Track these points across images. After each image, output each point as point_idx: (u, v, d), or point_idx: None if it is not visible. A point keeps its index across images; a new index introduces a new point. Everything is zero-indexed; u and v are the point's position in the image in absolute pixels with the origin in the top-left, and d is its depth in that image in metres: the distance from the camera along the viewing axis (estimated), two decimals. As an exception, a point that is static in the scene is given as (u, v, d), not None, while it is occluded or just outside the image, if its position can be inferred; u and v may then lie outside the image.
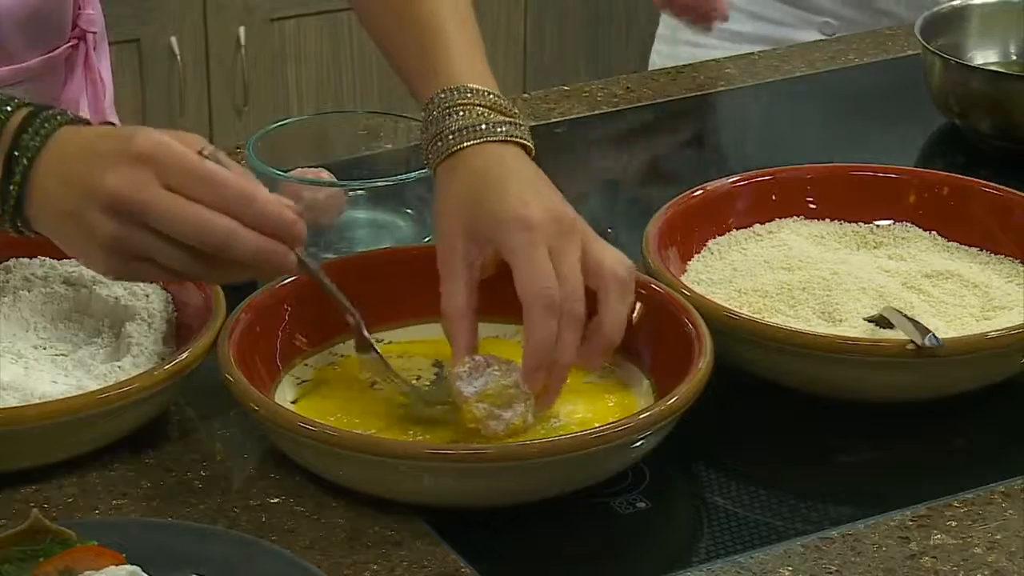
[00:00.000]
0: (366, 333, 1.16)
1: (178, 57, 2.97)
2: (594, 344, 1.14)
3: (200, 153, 1.06)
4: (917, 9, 1.68)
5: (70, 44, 1.50)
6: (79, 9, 1.50)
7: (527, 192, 1.17)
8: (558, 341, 1.12)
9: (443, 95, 1.22)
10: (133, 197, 1.04)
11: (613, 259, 1.16)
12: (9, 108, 1.10)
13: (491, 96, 1.23)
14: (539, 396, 1.13)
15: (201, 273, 1.09)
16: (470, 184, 1.19)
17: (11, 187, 1.09)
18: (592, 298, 1.14)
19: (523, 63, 3.26)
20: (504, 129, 1.21)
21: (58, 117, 1.10)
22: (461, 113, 1.21)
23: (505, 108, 1.23)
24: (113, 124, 1.12)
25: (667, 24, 2.01)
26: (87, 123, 1.12)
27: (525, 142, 1.22)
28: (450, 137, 1.20)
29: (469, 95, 1.22)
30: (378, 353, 1.17)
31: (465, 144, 1.20)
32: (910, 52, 1.63)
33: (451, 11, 1.28)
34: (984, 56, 1.64)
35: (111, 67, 1.58)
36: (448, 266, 1.17)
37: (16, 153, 1.09)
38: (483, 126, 1.20)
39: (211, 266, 1.07)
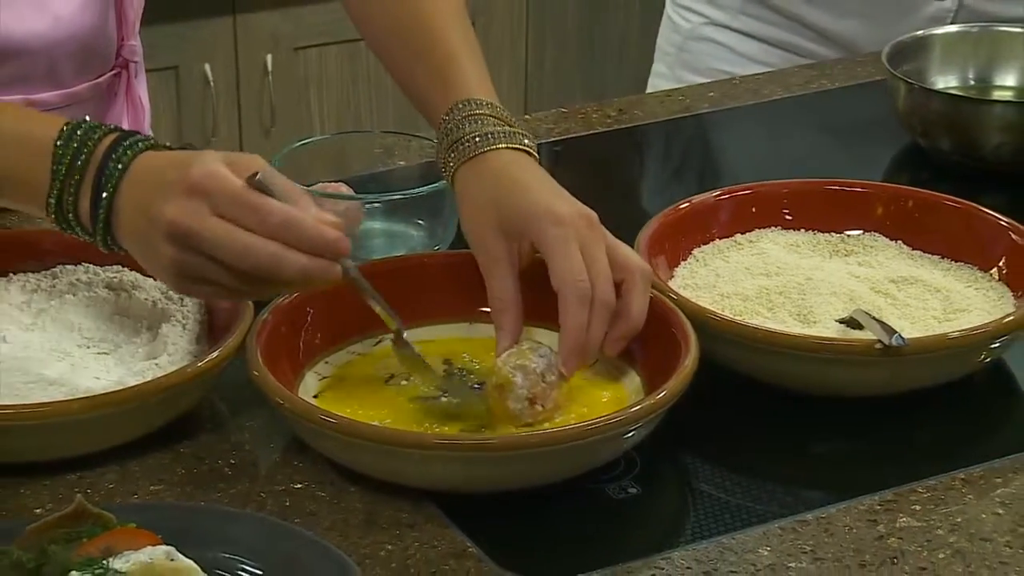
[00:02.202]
0: (404, 334, 1.16)
1: (211, 83, 2.97)
2: (619, 330, 1.16)
3: (251, 179, 1.05)
4: None
5: (114, 72, 1.50)
6: (122, 40, 1.50)
7: (551, 191, 1.19)
8: (589, 327, 1.13)
9: (461, 106, 1.23)
10: (188, 227, 1.05)
11: (634, 256, 1.18)
12: (97, 135, 1.10)
13: (500, 109, 1.24)
14: (571, 363, 1.14)
15: (255, 292, 1.11)
16: (494, 184, 1.19)
17: (100, 211, 1.09)
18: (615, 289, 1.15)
19: (524, 87, 3.26)
20: (518, 138, 1.22)
21: (139, 143, 1.10)
22: (479, 122, 1.22)
23: (512, 121, 1.23)
24: (192, 147, 1.12)
25: (663, 55, 2.00)
26: (166, 147, 1.12)
27: (533, 152, 1.23)
28: (472, 142, 1.21)
29: (484, 107, 1.23)
30: (413, 349, 1.17)
31: (486, 149, 1.21)
32: (878, 77, 1.63)
33: (459, 33, 1.29)
34: (945, 81, 1.64)
35: (149, 92, 1.58)
36: (490, 260, 1.18)
37: (103, 180, 1.09)
38: (501, 133, 1.21)
39: (264, 285, 1.08)
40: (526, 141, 1.23)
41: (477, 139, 1.21)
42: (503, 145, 1.21)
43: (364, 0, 1.36)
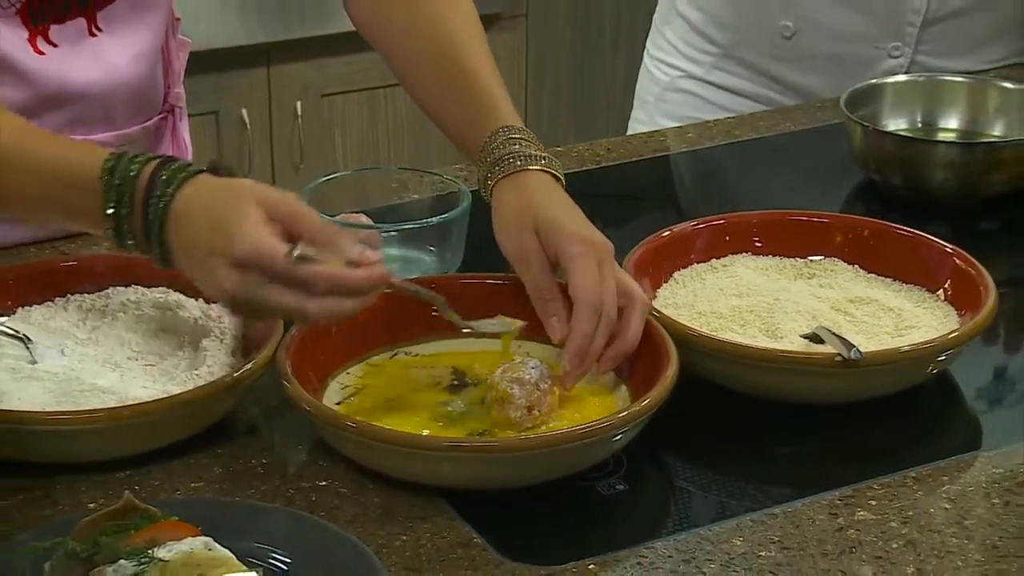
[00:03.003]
0: (456, 315, 1.17)
1: (248, 126, 2.97)
2: (615, 348, 1.15)
3: (290, 255, 1.04)
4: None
5: (161, 116, 1.50)
6: (168, 88, 1.51)
7: (580, 218, 1.19)
8: (594, 337, 1.14)
9: (502, 131, 1.24)
10: (247, 295, 1.05)
11: (637, 286, 1.17)
12: (136, 167, 1.09)
13: (534, 137, 1.24)
14: (563, 379, 1.14)
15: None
16: (532, 196, 1.20)
17: (154, 243, 1.09)
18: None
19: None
20: (551, 163, 1.23)
21: (179, 175, 1.08)
22: (518, 144, 1.23)
23: (547, 154, 1.24)
24: (227, 170, 1.11)
25: (642, 103, 1.99)
26: (200, 173, 1.09)
27: (561, 179, 1.24)
28: (512, 161, 1.21)
29: (521, 132, 1.24)
30: (454, 314, 1.17)
31: (529, 167, 1.21)
32: (836, 121, 1.62)
33: (488, 66, 1.29)
34: (895, 124, 1.63)
35: (191, 134, 1.57)
36: (527, 256, 1.18)
37: (150, 217, 1.08)
38: (538, 156, 1.22)
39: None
40: (557, 168, 1.23)
41: (517, 159, 1.22)
42: (538, 167, 1.22)
43: (405, 54, 1.35)
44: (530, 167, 1.22)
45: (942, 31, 1.79)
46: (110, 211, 1.09)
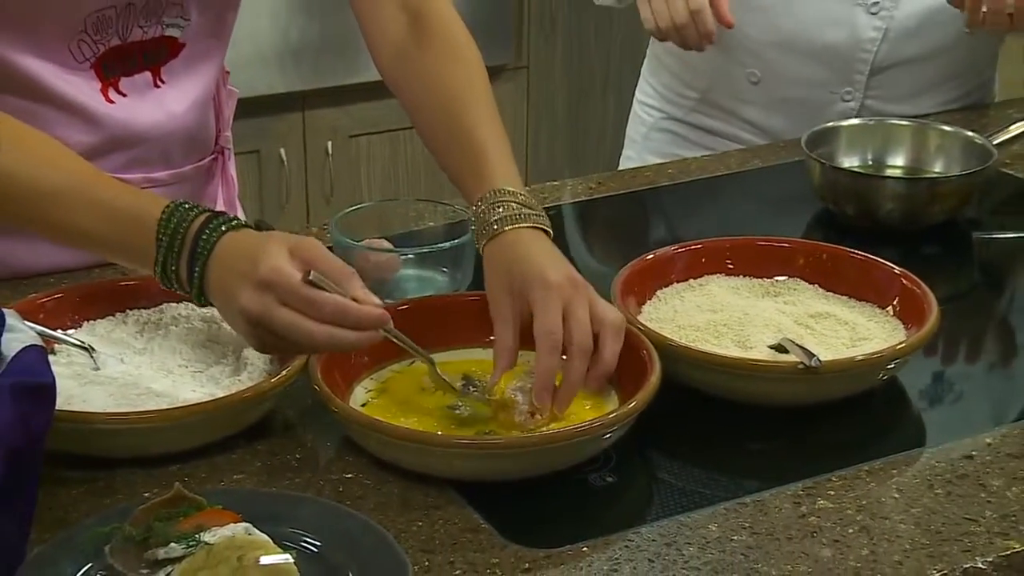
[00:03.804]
0: (438, 371, 1.15)
1: (285, 163, 2.98)
2: (596, 371, 1.13)
3: (306, 277, 1.04)
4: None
5: (212, 156, 1.50)
6: (219, 132, 1.51)
7: (548, 262, 1.16)
8: (570, 367, 1.11)
9: (489, 195, 1.21)
10: (259, 315, 1.05)
11: (611, 311, 1.15)
12: (192, 216, 1.09)
13: (521, 195, 1.22)
14: (556, 405, 1.12)
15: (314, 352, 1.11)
16: (509, 257, 1.17)
17: (194, 279, 1.09)
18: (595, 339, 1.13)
19: (525, 165, 3.28)
20: (532, 218, 1.20)
21: (222, 226, 1.09)
22: (501, 208, 1.20)
23: (531, 203, 1.22)
24: (267, 226, 1.12)
25: (631, 141, 1.99)
26: (245, 226, 1.10)
27: (546, 228, 1.21)
28: (494, 224, 1.19)
29: (507, 195, 1.21)
30: (441, 375, 1.15)
31: (506, 228, 1.19)
32: (798, 158, 1.61)
33: (488, 129, 1.27)
34: (850, 161, 1.62)
35: (237, 171, 1.57)
36: (500, 315, 1.16)
37: (195, 255, 1.08)
38: (518, 216, 1.19)
39: (321, 351, 1.10)
40: (540, 220, 1.21)
41: (499, 222, 1.20)
42: (520, 225, 1.19)
43: (416, 104, 1.34)
44: (509, 227, 1.19)
45: (887, 79, 1.79)
46: (161, 254, 1.09)
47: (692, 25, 1.62)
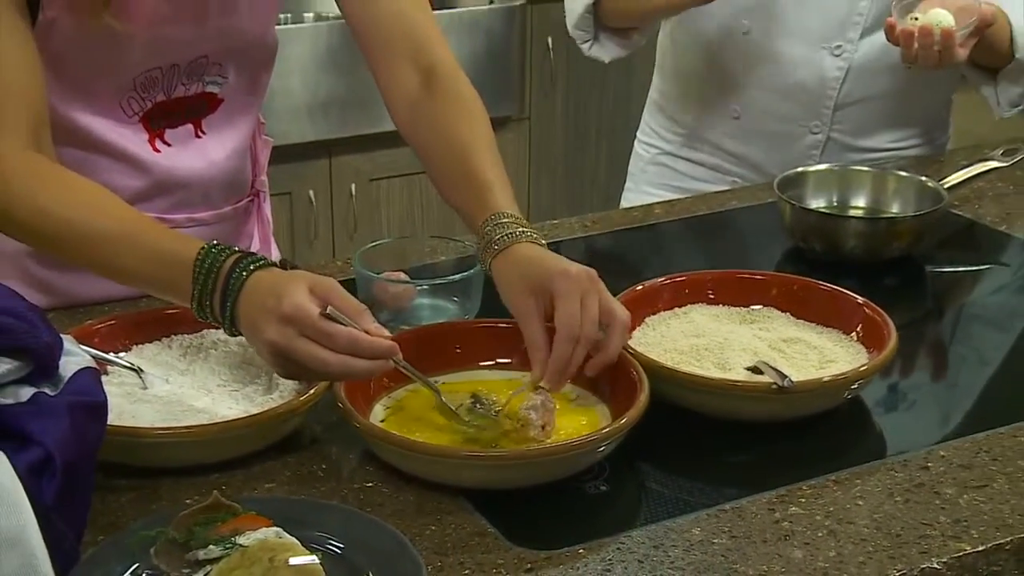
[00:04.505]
0: (442, 398, 1.15)
1: (314, 203, 2.98)
2: (599, 358, 1.13)
3: (324, 312, 1.04)
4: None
5: (249, 198, 1.50)
6: (255, 176, 1.51)
7: (561, 259, 1.17)
8: (573, 354, 1.12)
9: (491, 218, 1.21)
10: (282, 347, 1.05)
11: (620, 308, 1.15)
12: (224, 256, 1.09)
13: (519, 218, 1.22)
14: (553, 382, 1.12)
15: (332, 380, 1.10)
16: (520, 264, 1.17)
17: (227, 313, 1.09)
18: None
19: (527, 204, 3.28)
20: (532, 236, 1.20)
21: (251, 266, 1.09)
22: (504, 228, 1.20)
23: (528, 225, 1.22)
24: (292, 265, 1.14)
25: (632, 175, 1.99)
26: (272, 264, 1.10)
27: (543, 244, 1.21)
28: (501, 241, 1.19)
29: (507, 217, 1.21)
30: (445, 402, 1.15)
31: (511, 243, 1.19)
32: (771, 200, 1.61)
33: (492, 170, 1.27)
34: (817, 202, 1.62)
35: (271, 210, 1.57)
36: (524, 316, 1.15)
37: (228, 290, 1.08)
38: (521, 233, 1.20)
39: (337, 379, 1.09)
40: (538, 237, 1.21)
41: (505, 238, 1.19)
42: (524, 240, 1.20)
43: (428, 151, 1.34)
44: (513, 242, 1.19)
45: (850, 114, 1.79)
46: (197, 291, 1.09)
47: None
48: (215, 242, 1.11)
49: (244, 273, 1.08)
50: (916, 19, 1.61)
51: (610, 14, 1.81)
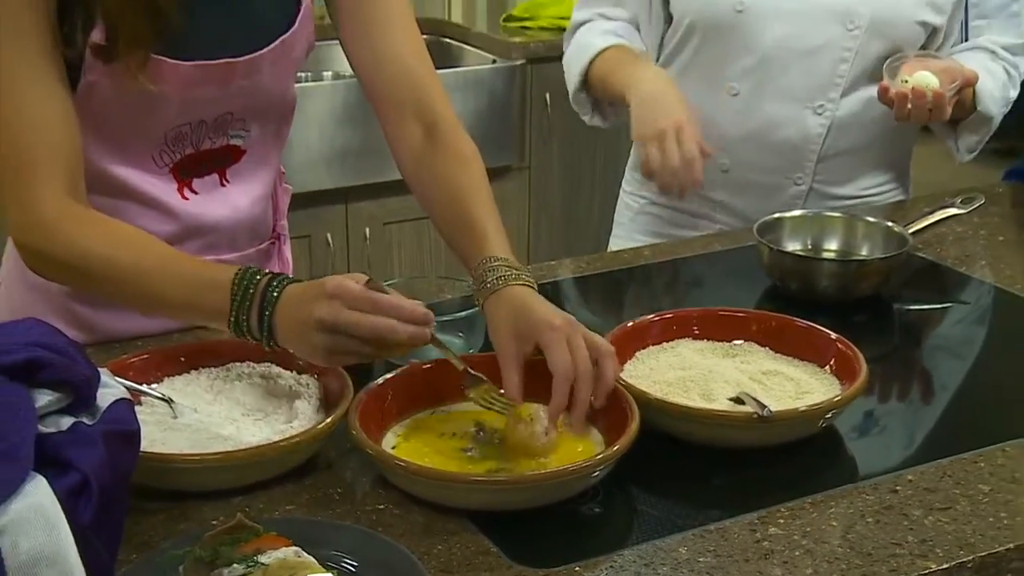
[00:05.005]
0: (472, 371, 1.15)
1: (331, 245, 2.98)
2: (600, 389, 1.13)
3: (367, 283, 1.07)
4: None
5: (271, 241, 1.50)
6: (276, 221, 1.51)
7: (547, 309, 1.16)
8: (579, 389, 1.11)
9: (485, 261, 1.21)
10: (332, 319, 1.06)
11: (602, 342, 1.15)
12: (259, 277, 1.11)
13: (510, 261, 1.22)
14: (572, 425, 1.12)
15: (377, 355, 1.10)
16: (511, 307, 1.17)
17: (264, 325, 1.10)
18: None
19: (527, 247, 3.29)
20: (523, 278, 1.20)
21: (284, 281, 1.11)
22: (497, 270, 1.20)
23: (519, 267, 1.22)
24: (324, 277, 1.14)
25: (619, 224, 1.99)
26: (298, 280, 1.12)
27: (532, 285, 1.21)
28: (494, 283, 1.19)
29: (499, 260, 1.21)
30: (482, 378, 1.15)
31: (502, 286, 1.19)
32: (751, 243, 1.61)
33: (488, 217, 1.27)
34: (793, 246, 1.62)
35: (291, 252, 1.57)
36: (505, 358, 1.15)
37: (264, 306, 1.10)
38: (512, 276, 1.19)
39: (383, 349, 1.09)
40: (529, 280, 1.21)
41: (497, 280, 1.19)
42: (513, 283, 1.19)
43: (430, 198, 1.35)
44: (504, 285, 1.19)
45: (830, 166, 1.79)
46: (234, 309, 1.09)
47: (681, 171, 1.61)
48: (250, 266, 1.13)
49: (279, 287, 1.10)
50: (906, 81, 1.64)
51: (596, 91, 1.82)
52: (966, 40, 1.79)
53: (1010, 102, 1.80)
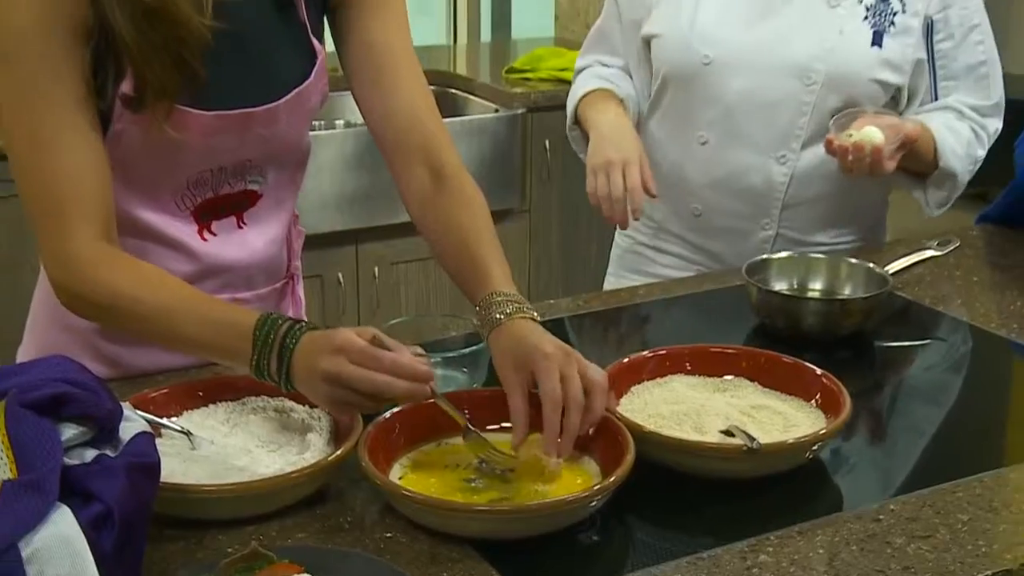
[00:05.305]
0: (471, 426, 1.15)
1: (342, 284, 2.98)
2: (587, 420, 1.13)
3: (371, 340, 1.07)
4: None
5: (285, 281, 1.50)
6: (290, 262, 1.51)
7: (543, 338, 1.17)
8: (568, 419, 1.11)
9: (489, 296, 1.22)
10: (336, 372, 1.06)
11: (598, 373, 1.15)
12: (279, 323, 1.11)
13: (514, 295, 1.22)
14: (561, 451, 1.12)
15: (377, 406, 1.11)
16: (510, 340, 1.18)
17: (283, 370, 1.10)
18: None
19: (528, 287, 3.28)
20: (526, 311, 1.21)
21: (303, 328, 1.11)
22: (501, 305, 1.21)
23: (522, 301, 1.22)
24: (333, 328, 1.14)
25: (612, 262, 1.99)
26: (316, 327, 1.12)
27: (535, 317, 1.21)
28: (497, 317, 1.20)
29: (503, 295, 1.22)
30: (478, 433, 1.15)
31: (505, 320, 1.19)
32: (739, 283, 1.61)
33: (492, 255, 1.28)
34: (780, 285, 1.62)
35: (304, 291, 1.57)
36: (510, 387, 1.16)
37: (283, 351, 1.10)
38: (515, 311, 1.20)
39: (382, 401, 1.09)
40: (531, 313, 1.22)
41: (500, 316, 1.20)
42: (516, 317, 1.20)
43: (437, 239, 1.35)
44: (507, 318, 1.20)
45: (795, 213, 1.80)
46: (255, 353, 1.10)
47: (623, 200, 1.63)
48: (270, 312, 1.13)
49: (297, 335, 1.10)
50: (851, 135, 1.65)
51: (582, 127, 1.84)
52: (936, 99, 1.80)
53: (977, 160, 1.80)
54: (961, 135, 1.77)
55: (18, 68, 1.16)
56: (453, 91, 3.38)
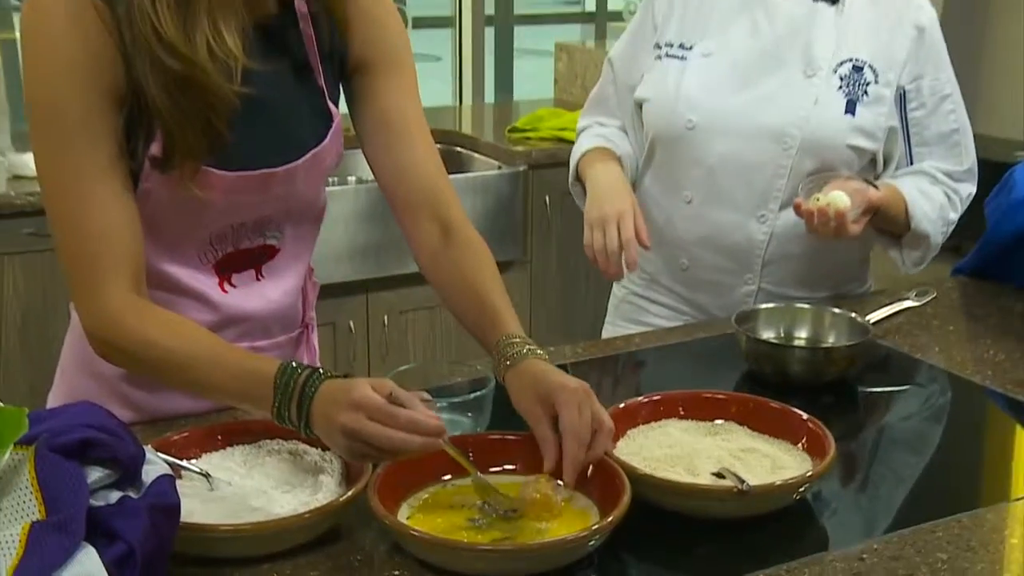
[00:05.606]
0: (479, 475, 1.15)
1: (353, 332, 2.99)
2: (588, 458, 1.14)
3: (388, 397, 1.06)
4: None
5: (300, 330, 1.50)
6: (305, 312, 1.51)
7: (562, 375, 1.18)
8: (580, 447, 1.12)
9: (503, 339, 1.24)
10: (353, 429, 1.06)
11: (607, 417, 1.16)
12: (299, 372, 1.12)
13: (526, 338, 1.24)
14: (570, 476, 1.13)
15: (392, 457, 1.11)
16: (531, 376, 1.19)
17: (303, 416, 1.10)
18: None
19: (529, 335, 3.27)
20: (539, 353, 1.22)
21: (322, 377, 1.11)
22: (514, 347, 1.22)
23: (533, 344, 1.24)
24: (350, 374, 1.14)
25: (609, 311, 2.00)
26: (336, 376, 1.12)
27: (546, 359, 1.23)
28: (513, 358, 1.21)
29: (516, 337, 1.23)
30: (483, 477, 1.15)
31: (520, 360, 1.21)
32: (730, 331, 1.62)
33: (499, 300, 1.29)
34: (767, 334, 1.62)
35: (318, 339, 1.58)
36: (535, 419, 1.17)
37: (303, 399, 1.10)
38: (528, 352, 1.22)
39: (397, 456, 1.10)
40: (543, 354, 1.23)
41: (515, 355, 1.21)
42: (529, 356, 1.21)
43: (446, 288, 1.36)
44: (522, 359, 1.21)
45: (775, 269, 1.80)
46: (276, 400, 1.10)
47: (618, 253, 1.64)
48: (292, 361, 1.13)
49: (316, 383, 1.10)
50: (818, 199, 1.66)
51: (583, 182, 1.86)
52: (911, 164, 1.81)
53: (950, 223, 1.81)
54: (934, 199, 1.78)
55: (58, 132, 1.17)
56: (459, 149, 3.40)
